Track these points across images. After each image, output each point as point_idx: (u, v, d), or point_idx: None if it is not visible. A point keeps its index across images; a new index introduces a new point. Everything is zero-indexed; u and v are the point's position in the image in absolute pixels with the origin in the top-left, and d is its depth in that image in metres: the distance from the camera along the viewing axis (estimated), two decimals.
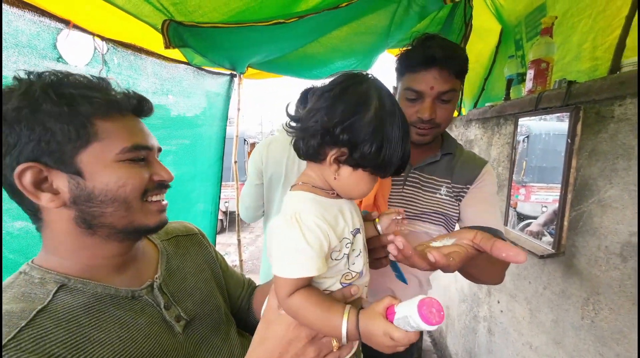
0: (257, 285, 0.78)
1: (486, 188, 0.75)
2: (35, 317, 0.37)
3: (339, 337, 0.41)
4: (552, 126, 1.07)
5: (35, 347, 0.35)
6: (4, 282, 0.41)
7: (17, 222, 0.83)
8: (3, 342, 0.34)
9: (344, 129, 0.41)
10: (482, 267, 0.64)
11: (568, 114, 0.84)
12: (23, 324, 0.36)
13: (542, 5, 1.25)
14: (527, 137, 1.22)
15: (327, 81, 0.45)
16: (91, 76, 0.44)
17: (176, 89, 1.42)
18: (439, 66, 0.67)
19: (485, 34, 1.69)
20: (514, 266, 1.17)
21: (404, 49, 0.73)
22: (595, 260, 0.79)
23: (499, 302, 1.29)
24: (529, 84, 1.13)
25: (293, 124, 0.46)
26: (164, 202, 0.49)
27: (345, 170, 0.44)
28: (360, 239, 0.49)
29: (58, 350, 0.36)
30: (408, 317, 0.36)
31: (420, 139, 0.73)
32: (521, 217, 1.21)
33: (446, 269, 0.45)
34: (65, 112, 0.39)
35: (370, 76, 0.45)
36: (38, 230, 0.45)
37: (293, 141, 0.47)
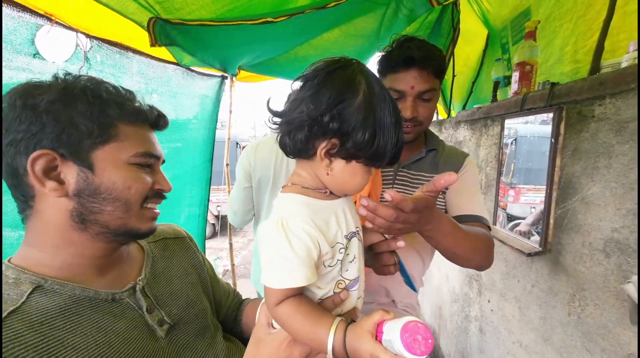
0: (245, 298, 0.76)
1: (469, 179, 0.78)
2: (6, 318, 0.36)
3: (324, 352, 0.39)
4: (539, 129, 1.09)
5: (4, 351, 0.33)
6: None
7: None
8: None
9: (332, 117, 0.38)
10: (453, 237, 0.61)
11: (551, 114, 0.86)
12: None
13: (526, 10, 1.28)
14: (515, 139, 1.25)
15: (309, 69, 0.42)
16: (121, 87, 0.49)
17: (162, 89, 1.40)
18: (418, 66, 0.70)
19: (472, 37, 1.73)
20: (503, 265, 1.18)
21: (384, 51, 0.75)
22: (580, 256, 0.81)
23: (489, 301, 1.30)
24: (514, 86, 1.15)
25: (276, 119, 0.43)
26: (157, 211, 0.51)
27: (338, 164, 0.41)
28: (356, 243, 0.46)
29: (28, 354, 0.34)
30: (392, 341, 0.33)
31: (405, 137, 0.73)
32: (510, 218, 1.23)
33: (403, 206, 0.45)
34: (96, 113, 0.43)
35: (354, 60, 0.42)
36: (24, 220, 0.44)
37: (278, 138, 0.44)
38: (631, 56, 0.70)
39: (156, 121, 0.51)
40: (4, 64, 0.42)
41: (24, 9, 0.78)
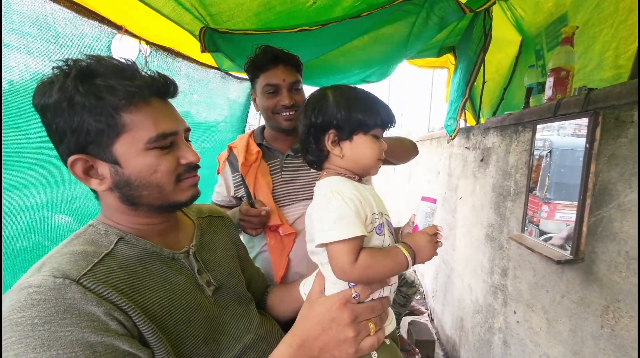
0: (269, 284, 0.83)
1: None
2: (104, 258, 0.44)
3: (406, 265, 0.51)
4: (577, 142, 1.04)
5: (105, 279, 0.42)
6: (77, 231, 0.49)
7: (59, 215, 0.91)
8: (81, 273, 0.40)
9: (318, 117, 0.53)
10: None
11: (586, 120, 0.84)
12: (96, 261, 0.43)
13: (563, 15, 1.26)
14: (550, 152, 1.19)
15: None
16: (119, 60, 0.47)
17: (202, 90, 1.55)
18: (283, 63, 0.89)
19: (504, 44, 1.71)
20: (531, 274, 1.15)
21: (249, 60, 0.92)
22: (615, 265, 0.78)
23: (515, 312, 1.25)
24: (548, 92, 1.13)
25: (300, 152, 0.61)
26: (196, 177, 0.54)
27: (345, 146, 0.54)
28: (384, 225, 0.56)
29: (121, 285, 0.43)
30: (423, 209, 0.53)
31: (289, 124, 0.90)
32: (544, 235, 1.17)
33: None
34: (94, 105, 0.43)
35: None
36: (96, 198, 0.53)
37: (306, 161, 0.60)
38: None
39: (163, 89, 0.49)
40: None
41: (103, 20, 0.93)
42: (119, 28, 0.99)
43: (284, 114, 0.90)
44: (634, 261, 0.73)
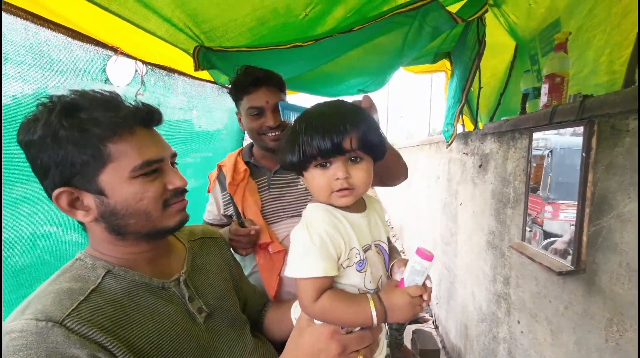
0: (267, 302, 0.82)
1: None
2: (90, 294, 0.44)
3: (370, 320, 0.46)
4: (577, 141, 1.03)
5: (91, 317, 0.42)
6: (64, 266, 0.49)
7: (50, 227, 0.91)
8: (65, 314, 0.40)
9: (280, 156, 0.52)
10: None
11: (582, 128, 0.83)
12: (81, 298, 0.43)
13: (555, 21, 1.26)
14: (551, 151, 1.18)
15: None
16: (103, 91, 0.48)
17: (201, 105, 1.56)
18: (265, 84, 0.88)
19: (499, 49, 1.71)
20: (533, 283, 1.13)
21: (231, 81, 0.94)
22: (617, 277, 0.76)
23: (519, 322, 1.23)
24: (544, 99, 1.13)
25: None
26: (183, 202, 0.54)
27: (303, 179, 0.52)
28: (372, 256, 0.51)
29: (107, 323, 0.42)
30: (412, 265, 0.45)
31: (275, 144, 0.91)
32: (547, 235, 1.16)
33: None
34: (79, 138, 0.43)
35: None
36: (84, 230, 0.52)
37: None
38: None
39: (147, 119, 0.49)
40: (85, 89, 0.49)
41: (97, 43, 0.94)
42: (114, 50, 1.00)
43: (270, 134, 0.90)
44: (635, 273, 0.71)
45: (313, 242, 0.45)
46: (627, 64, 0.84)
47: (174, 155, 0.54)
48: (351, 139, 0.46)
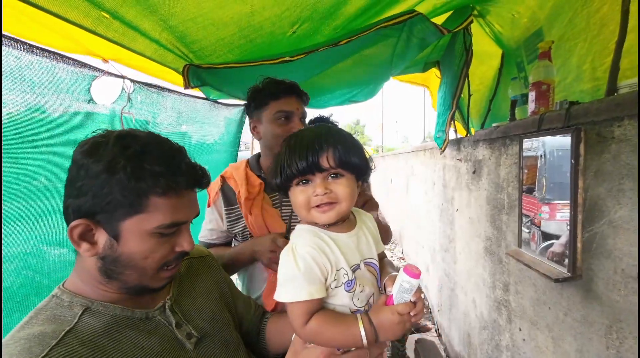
0: (266, 312, 0.80)
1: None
2: (64, 337, 0.42)
3: (360, 341, 0.46)
4: (567, 142, 1.04)
5: None
6: (39, 305, 0.47)
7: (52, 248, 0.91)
8: None
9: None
10: None
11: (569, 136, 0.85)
12: (54, 343, 0.41)
13: (538, 30, 1.29)
14: (544, 152, 1.19)
15: None
16: (172, 143, 0.50)
17: (191, 121, 1.56)
18: (295, 94, 0.94)
19: (487, 57, 1.75)
20: (532, 290, 1.12)
21: (254, 88, 0.97)
22: (614, 284, 0.76)
23: (520, 330, 1.21)
24: (531, 106, 1.15)
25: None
26: (177, 267, 0.54)
27: (290, 196, 0.52)
28: (361, 275, 0.51)
29: None
30: (400, 283, 0.45)
31: None
32: (546, 236, 1.16)
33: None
34: (133, 185, 0.44)
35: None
36: (75, 254, 0.51)
37: None
38: None
39: (198, 184, 0.51)
40: (66, 109, 0.50)
41: (84, 65, 0.94)
42: (100, 71, 1.00)
43: None
44: (631, 279, 0.71)
45: (298, 266, 0.45)
46: (608, 71, 0.86)
47: (197, 215, 0.54)
48: (327, 157, 0.48)
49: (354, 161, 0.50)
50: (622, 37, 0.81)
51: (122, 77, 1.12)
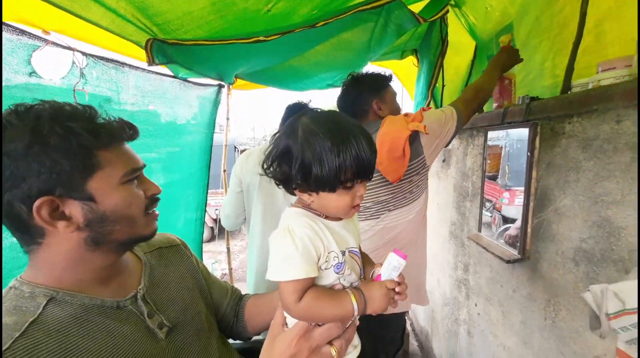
0: (244, 294, 0.80)
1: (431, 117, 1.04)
2: (28, 328, 0.40)
3: (352, 312, 0.49)
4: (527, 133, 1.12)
5: (28, 357, 0.38)
6: None
7: None
8: None
9: (279, 165, 0.49)
10: None
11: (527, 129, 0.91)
12: (17, 335, 0.39)
13: (509, 25, 1.34)
14: (507, 143, 1.29)
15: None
16: (80, 106, 0.47)
17: (159, 100, 1.45)
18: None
19: (462, 48, 1.78)
20: (488, 270, 1.23)
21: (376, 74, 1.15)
22: (555, 264, 0.86)
23: (476, 305, 1.34)
24: (496, 99, 1.21)
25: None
26: (157, 212, 0.56)
27: (312, 195, 0.49)
28: (350, 260, 0.53)
29: None
30: (390, 261, 0.50)
31: None
32: (506, 220, 1.27)
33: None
34: (73, 147, 0.43)
35: (303, 116, 0.49)
36: (28, 251, 0.47)
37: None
38: (596, 78, 0.75)
39: (131, 135, 0.52)
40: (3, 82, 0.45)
41: (22, 32, 0.83)
42: (42, 40, 0.89)
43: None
44: (568, 260, 0.80)
45: (296, 246, 0.47)
46: (565, 70, 0.92)
47: (144, 166, 0.56)
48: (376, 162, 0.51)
49: None
50: (578, 38, 0.86)
51: (71, 49, 1.00)
